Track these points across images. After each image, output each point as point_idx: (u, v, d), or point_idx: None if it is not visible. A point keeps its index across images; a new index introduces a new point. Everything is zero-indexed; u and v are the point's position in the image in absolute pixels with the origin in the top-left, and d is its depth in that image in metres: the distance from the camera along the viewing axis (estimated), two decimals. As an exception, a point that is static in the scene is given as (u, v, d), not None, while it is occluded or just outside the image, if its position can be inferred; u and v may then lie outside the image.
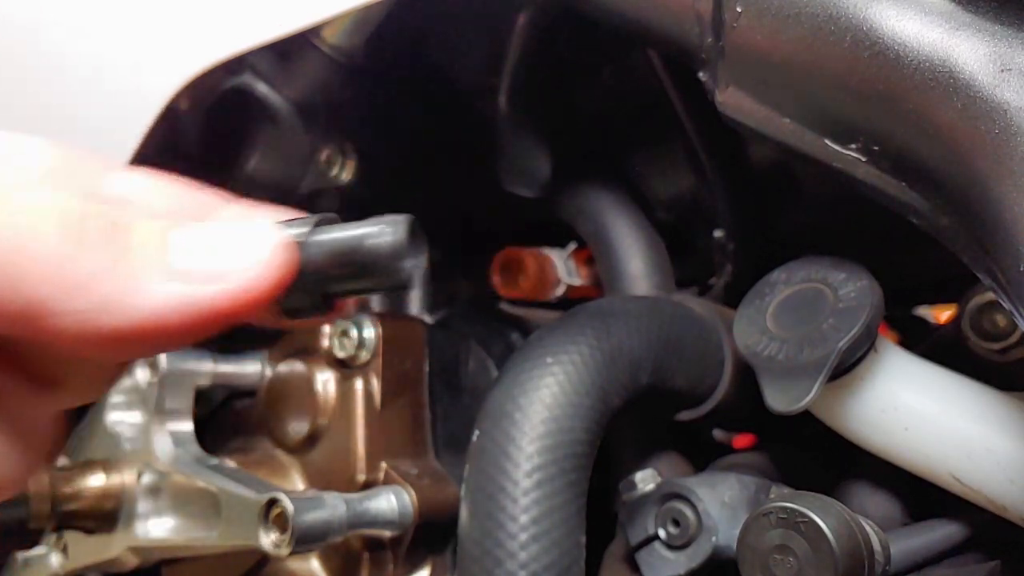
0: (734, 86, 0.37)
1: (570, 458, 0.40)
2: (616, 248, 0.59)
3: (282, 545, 0.45)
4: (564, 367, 0.41)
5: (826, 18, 0.33)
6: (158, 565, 0.60)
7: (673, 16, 0.38)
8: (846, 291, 0.43)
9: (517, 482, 0.39)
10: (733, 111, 0.38)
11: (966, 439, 0.43)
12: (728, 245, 0.55)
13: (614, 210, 0.60)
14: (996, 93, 0.30)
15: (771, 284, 0.47)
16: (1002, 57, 0.30)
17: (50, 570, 0.57)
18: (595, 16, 0.42)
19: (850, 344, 0.41)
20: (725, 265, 0.56)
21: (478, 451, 0.41)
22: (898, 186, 0.35)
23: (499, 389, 0.42)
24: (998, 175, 0.30)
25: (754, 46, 0.36)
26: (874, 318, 0.42)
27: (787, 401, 0.41)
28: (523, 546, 0.38)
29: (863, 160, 0.35)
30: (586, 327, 0.43)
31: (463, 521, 0.40)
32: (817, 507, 0.36)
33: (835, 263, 0.45)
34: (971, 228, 0.33)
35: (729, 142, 0.52)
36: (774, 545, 0.36)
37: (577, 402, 0.41)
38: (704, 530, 0.43)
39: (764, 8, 0.35)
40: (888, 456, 0.46)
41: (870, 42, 0.32)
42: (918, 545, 0.46)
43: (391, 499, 0.48)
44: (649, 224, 0.60)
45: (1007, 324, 0.48)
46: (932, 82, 0.31)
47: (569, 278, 0.61)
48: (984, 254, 0.32)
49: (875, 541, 0.39)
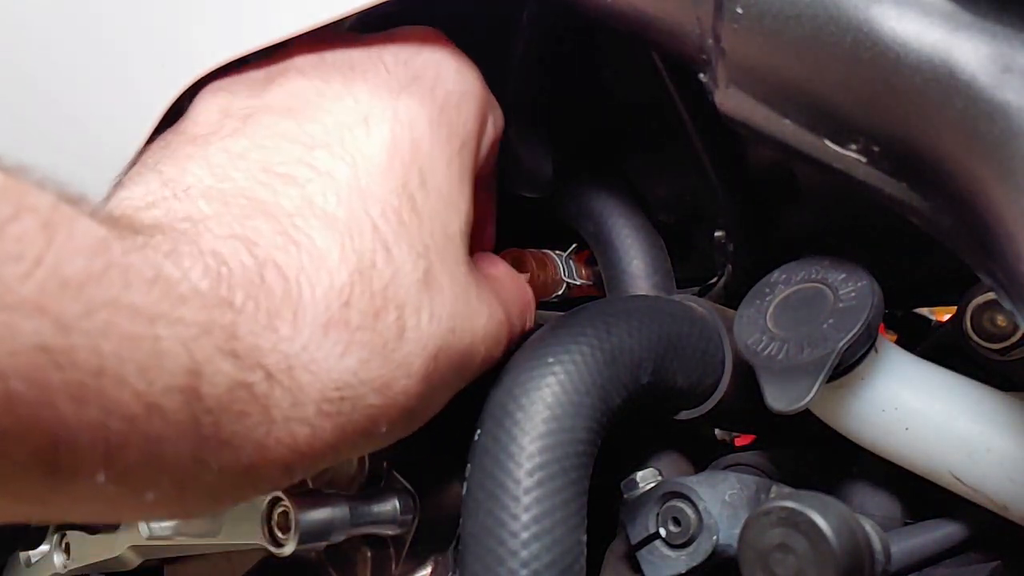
0: (734, 87, 0.37)
1: (571, 457, 0.40)
2: (617, 248, 0.59)
3: (285, 544, 0.45)
4: (565, 366, 0.41)
5: (827, 19, 0.33)
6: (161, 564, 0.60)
7: (673, 17, 0.38)
8: (846, 291, 0.43)
9: (519, 480, 0.39)
10: (733, 112, 0.38)
11: (967, 439, 0.43)
12: (728, 245, 0.55)
13: (615, 210, 0.60)
14: (997, 94, 0.30)
15: (771, 284, 0.47)
16: (1003, 58, 0.31)
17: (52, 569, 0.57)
18: (595, 17, 0.42)
19: (850, 344, 0.41)
20: (725, 265, 0.56)
21: (480, 450, 0.41)
22: (898, 186, 0.35)
23: (501, 388, 0.42)
24: (999, 176, 0.30)
25: (754, 47, 0.36)
26: (874, 318, 0.42)
27: (787, 401, 0.41)
28: (524, 544, 0.38)
29: (863, 160, 0.35)
30: (587, 327, 0.43)
31: (465, 519, 0.40)
32: (817, 506, 0.36)
33: (835, 263, 0.45)
34: (971, 228, 0.33)
35: (730, 143, 0.52)
36: (774, 544, 0.36)
37: (578, 401, 0.41)
38: (705, 529, 0.43)
39: (764, 9, 0.35)
40: (888, 456, 0.46)
41: (871, 43, 0.32)
42: (918, 545, 0.46)
43: (393, 498, 0.48)
44: (650, 224, 0.60)
45: (1007, 324, 0.48)
46: (933, 83, 0.31)
47: (570, 278, 0.61)
48: (984, 254, 0.32)
49: (875, 541, 0.39)
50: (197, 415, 0.29)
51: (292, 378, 0.32)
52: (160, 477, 0.29)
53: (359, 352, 0.34)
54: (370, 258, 0.35)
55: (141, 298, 0.27)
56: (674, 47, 0.39)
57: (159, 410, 0.27)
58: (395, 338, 0.35)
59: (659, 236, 0.60)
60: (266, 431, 0.31)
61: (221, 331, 0.30)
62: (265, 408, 0.31)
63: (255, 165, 0.36)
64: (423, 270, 0.37)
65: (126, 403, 0.27)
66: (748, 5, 0.35)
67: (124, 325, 0.26)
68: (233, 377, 0.30)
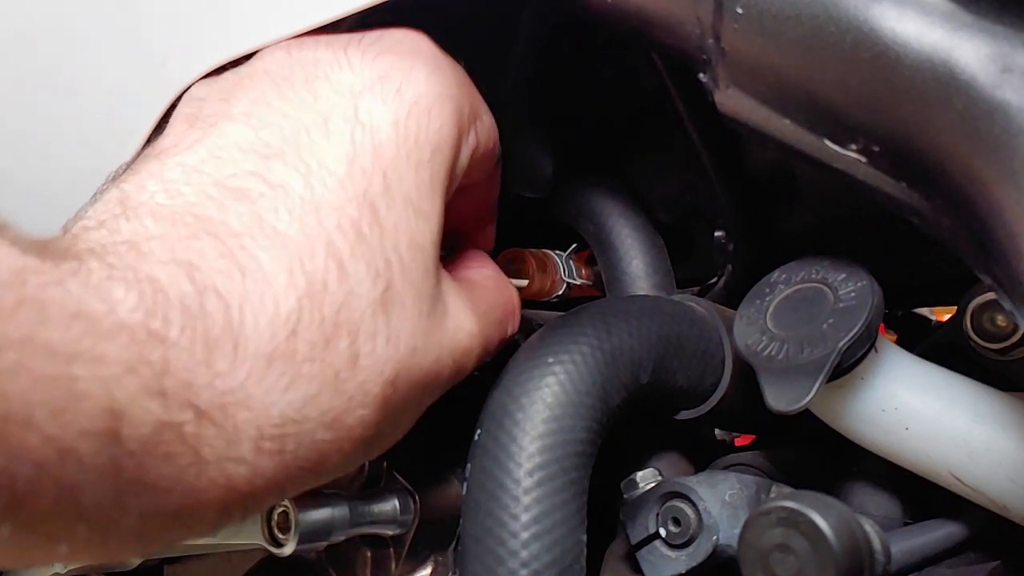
0: (734, 87, 0.37)
1: (571, 457, 0.40)
2: (617, 248, 0.59)
3: (285, 544, 0.45)
4: (565, 366, 0.41)
5: (827, 19, 0.33)
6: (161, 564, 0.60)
7: (673, 17, 0.38)
8: (846, 291, 0.43)
9: (519, 480, 0.39)
10: (733, 112, 0.38)
11: (966, 439, 0.43)
12: (728, 245, 0.55)
13: (615, 210, 0.60)
14: (997, 94, 0.30)
15: (771, 284, 0.47)
16: (1003, 58, 0.31)
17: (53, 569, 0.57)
18: (595, 17, 0.42)
19: (850, 344, 0.41)
20: (725, 265, 0.56)
21: (480, 450, 0.41)
22: (898, 186, 0.35)
23: (501, 388, 0.42)
24: (999, 176, 0.30)
25: (754, 47, 0.36)
26: (874, 318, 0.42)
27: (787, 401, 0.41)
28: (524, 544, 0.38)
29: (863, 160, 0.35)
30: (587, 327, 0.43)
31: (465, 519, 0.40)
32: (817, 506, 0.36)
33: (835, 263, 0.45)
34: (971, 228, 0.33)
35: (729, 143, 0.52)
36: (775, 544, 0.36)
37: (578, 401, 0.41)
38: (705, 529, 0.43)
39: (764, 9, 0.35)
40: (888, 456, 0.46)
41: (871, 43, 0.32)
42: (918, 545, 0.46)
43: (393, 498, 0.48)
44: (650, 224, 0.60)
45: (1007, 324, 0.48)
46: (933, 83, 0.31)
47: (570, 278, 0.61)
48: (984, 254, 0.32)
49: (875, 541, 0.39)
50: (118, 459, 0.27)
51: (226, 416, 0.30)
52: (77, 525, 0.27)
53: (306, 386, 0.32)
54: (322, 279, 0.33)
55: (58, 335, 0.26)
56: (674, 47, 0.39)
57: (74, 455, 0.26)
58: (348, 367, 0.33)
59: (659, 236, 0.60)
60: (197, 472, 0.29)
61: (149, 368, 0.28)
62: (195, 449, 0.29)
63: (207, 179, 0.34)
64: (382, 289, 0.34)
65: (34, 448, 0.25)
66: (748, 5, 0.35)
67: (36, 365, 0.25)
68: (159, 418, 0.28)
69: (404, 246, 0.36)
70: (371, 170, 0.36)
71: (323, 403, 0.32)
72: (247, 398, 0.30)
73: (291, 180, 0.34)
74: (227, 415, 0.30)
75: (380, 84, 0.38)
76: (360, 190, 0.35)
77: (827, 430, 0.47)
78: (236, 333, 0.30)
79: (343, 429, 0.33)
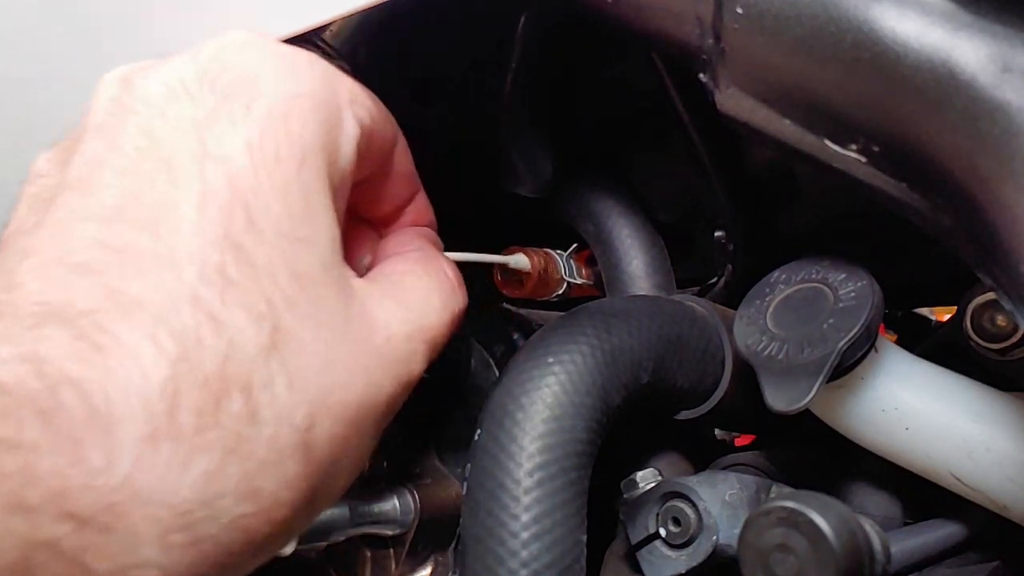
0: (734, 87, 0.37)
1: (571, 457, 0.40)
2: (617, 248, 0.59)
3: (285, 544, 0.45)
4: (565, 367, 0.41)
5: (827, 19, 0.33)
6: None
7: (673, 17, 0.38)
8: (846, 291, 0.43)
9: (519, 480, 0.39)
10: (733, 112, 0.38)
11: (966, 439, 0.43)
12: (728, 245, 0.55)
13: (615, 210, 0.60)
14: (997, 94, 0.30)
15: (771, 284, 0.47)
16: (1004, 58, 0.30)
17: None
18: (595, 17, 0.42)
19: (850, 344, 0.41)
20: (725, 265, 0.56)
21: (480, 450, 0.41)
22: (898, 187, 0.35)
23: (501, 388, 0.42)
24: (999, 176, 0.30)
25: (754, 47, 0.36)
26: (874, 318, 0.42)
27: (787, 401, 0.41)
28: (524, 544, 0.38)
29: (863, 160, 0.35)
30: (587, 327, 0.43)
31: (465, 519, 0.40)
32: (817, 506, 0.36)
33: (835, 263, 0.45)
34: (971, 228, 0.33)
35: (729, 143, 0.52)
36: (775, 544, 0.36)
37: (578, 401, 0.41)
38: (705, 529, 0.43)
39: (764, 9, 0.35)
40: (888, 456, 0.46)
41: (871, 43, 0.32)
42: (918, 545, 0.46)
43: (393, 498, 0.48)
44: (650, 224, 0.61)
45: (1007, 324, 0.48)
46: (933, 83, 0.31)
47: (570, 278, 0.61)
48: (984, 254, 0.32)
49: (875, 541, 0.39)
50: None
51: (117, 517, 0.26)
52: None
53: (205, 461, 0.28)
54: (194, 336, 0.29)
55: None
56: (674, 47, 0.39)
57: None
58: (248, 425, 0.29)
59: (659, 236, 0.61)
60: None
61: (5, 482, 0.25)
62: (83, 565, 0.26)
63: (48, 261, 0.30)
64: (268, 331, 0.30)
65: None
66: (748, 5, 0.35)
67: None
68: (27, 538, 0.25)
69: (285, 281, 0.32)
70: (229, 206, 0.31)
71: (232, 474, 0.28)
72: (138, 491, 0.27)
73: (138, 240, 0.30)
74: (118, 516, 0.26)
75: (225, 105, 0.33)
76: (220, 232, 0.31)
77: (827, 430, 0.47)
78: (105, 421, 0.27)
79: (265, 496, 0.29)
